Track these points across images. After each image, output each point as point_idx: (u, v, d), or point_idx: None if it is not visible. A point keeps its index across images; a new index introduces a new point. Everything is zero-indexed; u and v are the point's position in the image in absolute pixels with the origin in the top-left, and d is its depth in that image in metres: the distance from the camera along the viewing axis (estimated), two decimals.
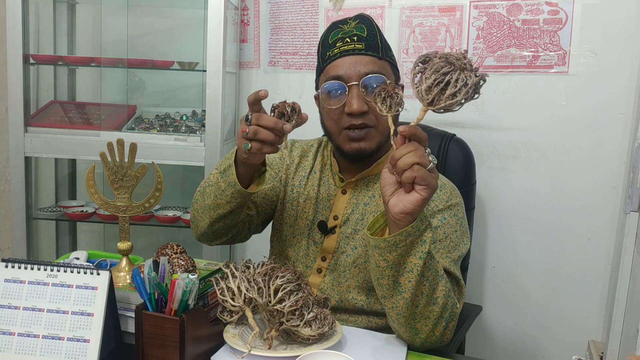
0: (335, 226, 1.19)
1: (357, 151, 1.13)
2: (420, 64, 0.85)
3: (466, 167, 1.53)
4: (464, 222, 1.17)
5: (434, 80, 0.82)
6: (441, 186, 1.17)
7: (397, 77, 1.19)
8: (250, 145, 0.98)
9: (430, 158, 0.87)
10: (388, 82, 1.02)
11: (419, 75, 0.85)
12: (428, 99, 0.83)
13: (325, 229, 1.19)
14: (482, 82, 0.83)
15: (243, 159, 1.03)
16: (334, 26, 1.19)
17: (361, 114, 1.10)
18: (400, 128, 0.87)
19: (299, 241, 1.23)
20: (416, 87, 0.84)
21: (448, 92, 0.81)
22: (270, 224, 1.33)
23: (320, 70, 1.18)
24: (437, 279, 0.97)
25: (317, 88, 1.20)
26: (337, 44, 1.14)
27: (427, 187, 0.86)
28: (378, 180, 1.17)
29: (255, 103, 0.99)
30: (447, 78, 0.81)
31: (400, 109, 0.92)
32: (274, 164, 1.30)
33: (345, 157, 1.18)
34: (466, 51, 0.86)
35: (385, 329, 1.16)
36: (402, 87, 1.18)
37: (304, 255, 1.22)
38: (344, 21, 1.18)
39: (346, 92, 1.11)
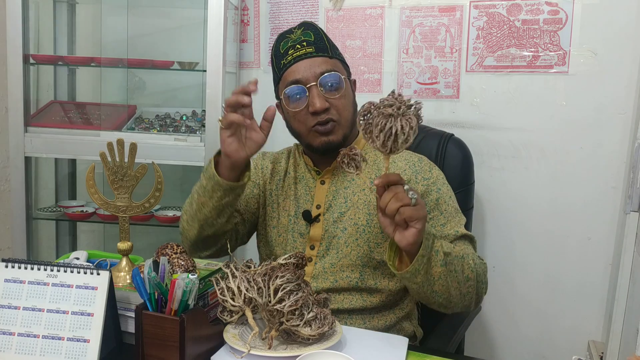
0: (319, 214, 1.25)
1: (326, 144, 1.22)
2: (362, 119, 0.95)
3: (464, 167, 1.53)
4: (449, 186, 1.28)
5: (384, 136, 0.92)
6: (420, 159, 1.27)
7: (348, 72, 1.28)
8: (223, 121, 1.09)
9: (410, 195, 0.95)
10: (342, 150, 1.05)
11: (369, 132, 0.94)
12: (386, 150, 0.93)
13: (310, 218, 1.25)
14: (421, 114, 0.94)
15: (224, 151, 1.11)
16: (282, 37, 1.27)
17: (324, 110, 1.19)
18: (375, 181, 0.96)
19: (284, 238, 1.29)
20: (372, 144, 0.94)
21: (400, 140, 0.92)
22: (255, 233, 1.39)
23: (277, 79, 1.27)
24: (462, 264, 1.08)
25: (277, 97, 1.29)
26: (289, 52, 1.23)
27: (418, 220, 0.95)
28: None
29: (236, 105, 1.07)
30: (393, 130, 0.91)
31: (365, 165, 1.02)
32: (251, 173, 1.35)
33: (315, 152, 1.26)
34: (393, 91, 0.96)
35: (379, 308, 1.23)
36: (354, 81, 1.30)
37: (292, 249, 1.26)
38: (290, 31, 1.27)
39: (307, 94, 1.19)
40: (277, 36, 1.29)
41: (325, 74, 1.19)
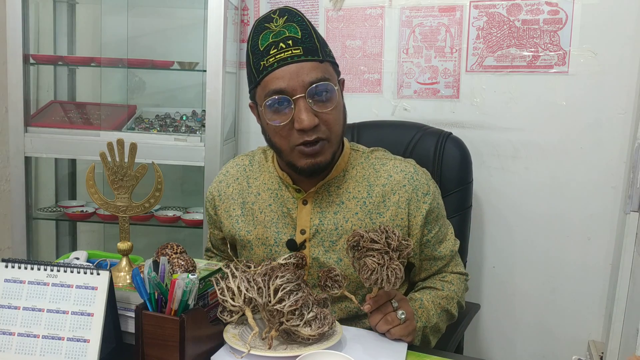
0: (305, 240, 1.13)
1: (313, 166, 1.07)
2: (352, 251, 0.99)
3: (462, 166, 1.53)
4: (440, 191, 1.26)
5: (372, 282, 0.96)
6: (415, 170, 1.18)
7: (337, 72, 1.11)
8: None
9: (399, 314, 1.00)
10: (323, 270, 1.04)
11: (358, 269, 0.98)
12: (379, 287, 0.98)
13: (295, 247, 1.13)
14: (407, 254, 0.98)
15: None
16: (261, 27, 1.05)
17: (313, 128, 1.02)
18: (365, 307, 1.00)
19: None
20: (364, 280, 0.97)
21: (386, 288, 0.96)
22: None
23: (256, 82, 1.06)
24: (449, 313, 1.17)
25: (252, 97, 1.11)
26: (271, 52, 1.02)
27: (408, 335, 1.00)
28: (341, 183, 1.15)
29: None
30: (379, 280, 0.95)
31: (344, 284, 1.02)
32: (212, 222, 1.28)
33: (300, 174, 1.10)
34: (384, 230, 0.98)
35: None
36: (343, 80, 1.14)
37: None
38: (269, 18, 1.05)
39: (292, 106, 1.02)
40: (254, 24, 1.07)
41: (316, 84, 1.01)
